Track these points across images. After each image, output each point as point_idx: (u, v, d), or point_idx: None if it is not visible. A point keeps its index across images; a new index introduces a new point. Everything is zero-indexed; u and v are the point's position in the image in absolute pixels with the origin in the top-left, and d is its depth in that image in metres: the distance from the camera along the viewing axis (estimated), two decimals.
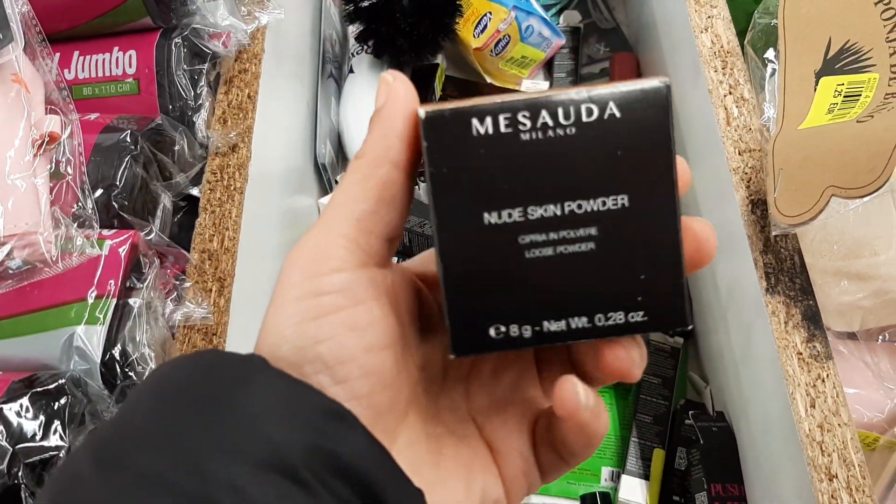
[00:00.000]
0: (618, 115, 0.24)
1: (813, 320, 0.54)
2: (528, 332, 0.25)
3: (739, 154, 0.61)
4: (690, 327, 0.53)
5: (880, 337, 0.65)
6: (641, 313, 0.25)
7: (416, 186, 0.89)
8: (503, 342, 0.26)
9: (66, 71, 0.69)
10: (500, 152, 0.24)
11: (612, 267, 0.25)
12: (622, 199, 0.25)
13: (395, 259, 0.36)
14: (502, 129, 0.24)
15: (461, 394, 0.30)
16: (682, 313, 0.25)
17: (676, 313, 0.25)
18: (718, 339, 0.69)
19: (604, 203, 0.25)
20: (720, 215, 0.65)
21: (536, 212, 0.25)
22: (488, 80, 0.98)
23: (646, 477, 0.70)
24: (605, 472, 0.74)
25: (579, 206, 0.25)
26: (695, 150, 0.73)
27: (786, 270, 0.56)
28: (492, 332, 0.26)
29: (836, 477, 0.48)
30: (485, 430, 0.29)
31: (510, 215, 0.25)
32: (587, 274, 0.25)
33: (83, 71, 0.69)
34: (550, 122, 0.24)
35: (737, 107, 0.64)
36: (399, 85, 0.26)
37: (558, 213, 0.25)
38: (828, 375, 0.51)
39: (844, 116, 0.56)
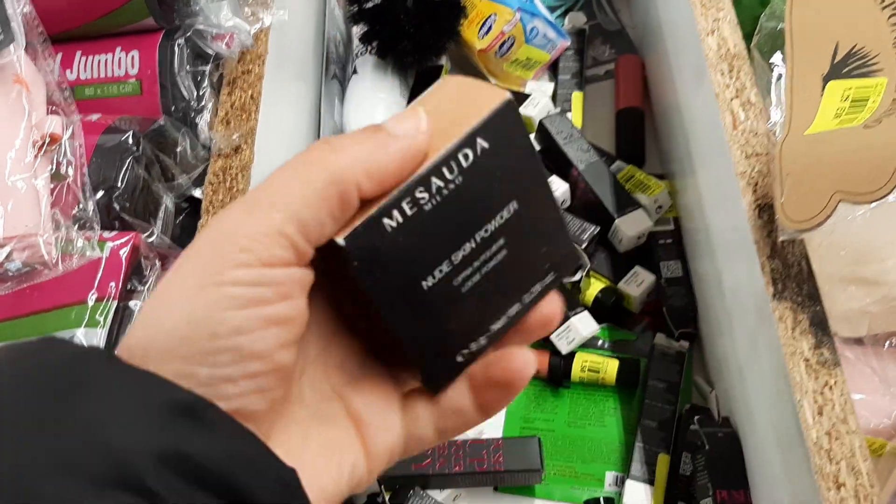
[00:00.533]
0: (487, 145, 0.27)
1: (820, 326, 0.53)
2: (483, 340, 0.29)
3: (746, 158, 0.61)
4: (587, 264, 0.64)
5: (887, 343, 0.64)
6: (552, 274, 0.30)
7: None
8: (468, 359, 0.29)
9: (67, 71, 0.68)
10: (415, 229, 0.26)
11: (523, 258, 0.29)
12: (513, 206, 0.28)
13: None
14: (408, 212, 0.26)
15: (321, 372, 0.29)
16: (576, 254, 0.31)
17: (572, 258, 0.31)
18: (723, 344, 0.68)
19: (501, 217, 0.28)
20: (726, 219, 0.65)
21: (458, 255, 0.28)
22: (493, 81, 0.97)
23: (650, 482, 0.70)
24: (609, 476, 0.74)
25: (486, 231, 0.28)
26: (700, 153, 0.72)
27: (793, 276, 0.55)
28: (459, 358, 0.29)
29: (844, 485, 0.47)
30: (351, 406, 0.28)
31: (441, 271, 0.27)
32: (509, 274, 0.29)
33: (85, 71, 0.68)
34: (442, 184, 0.26)
35: (743, 111, 0.63)
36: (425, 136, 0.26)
37: (474, 245, 0.28)
38: (835, 382, 0.51)
39: (852, 121, 0.55)
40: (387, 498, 0.68)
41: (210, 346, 0.23)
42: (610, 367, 0.76)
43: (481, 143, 0.27)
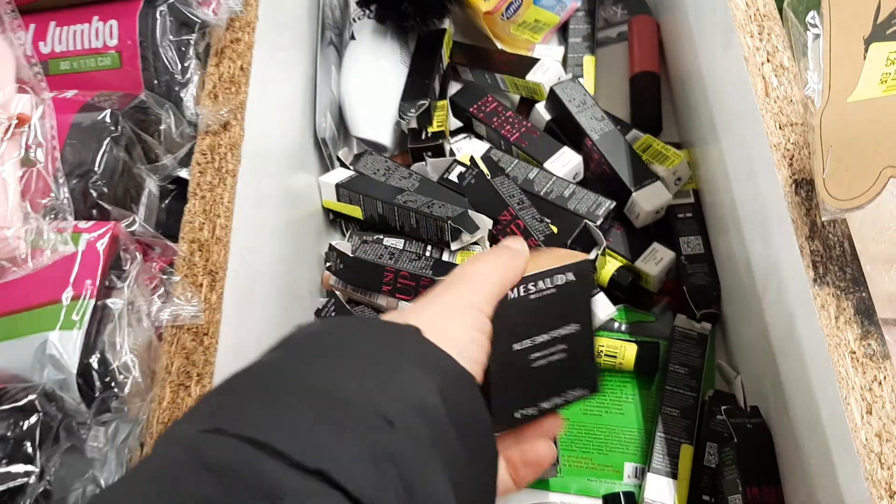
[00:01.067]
0: (573, 279, 0.42)
1: (867, 315, 0.48)
2: (534, 410, 0.41)
3: (780, 128, 0.56)
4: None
5: None
6: (580, 389, 0.43)
7: (424, 162, 0.81)
8: (522, 419, 0.41)
9: (41, 44, 0.63)
10: (520, 306, 0.41)
11: (571, 366, 0.42)
12: (575, 326, 0.42)
13: (401, 240, 0.77)
14: (521, 294, 0.41)
15: None
16: (595, 383, 0.43)
17: (593, 384, 0.43)
18: (752, 329, 0.64)
19: (567, 329, 0.42)
20: (756, 194, 0.60)
21: (537, 339, 0.41)
22: (499, 45, 0.92)
23: (673, 475, 0.66)
24: (629, 468, 0.70)
25: (557, 333, 0.42)
26: (725, 122, 0.67)
27: (835, 259, 0.50)
28: (517, 415, 0.41)
29: None
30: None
31: (524, 343, 0.41)
32: (560, 372, 0.42)
33: (60, 44, 0.63)
34: (543, 287, 0.42)
35: (776, 76, 0.58)
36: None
37: (547, 338, 0.42)
38: (885, 377, 0.46)
39: None
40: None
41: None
42: (628, 353, 0.72)
43: (570, 276, 0.42)
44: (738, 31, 0.61)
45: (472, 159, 0.78)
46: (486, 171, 0.76)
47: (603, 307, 0.72)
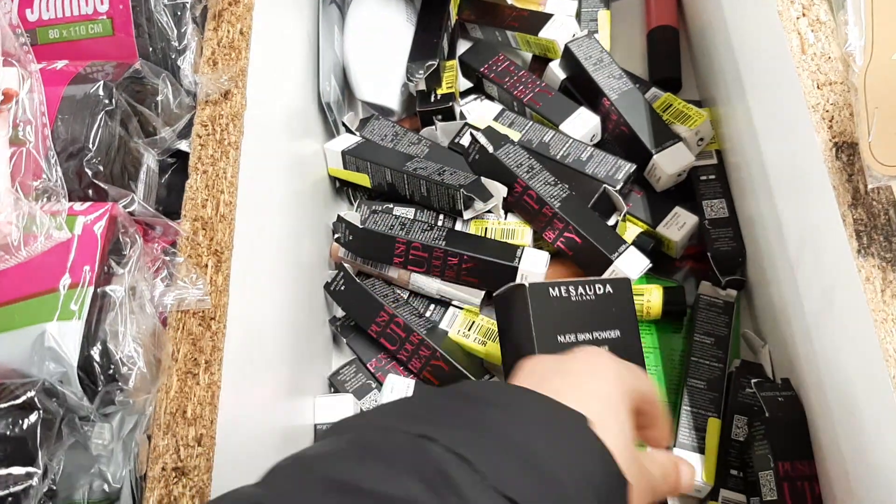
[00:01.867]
0: (611, 290, 0.55)
1: None
2: None
3: (818, 88, 0.52)
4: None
5: None
6: None
7: (433, 126, 0.78)
8: None
9: (28, 11, 0.59)
10: (563, 306, 0.52)
11: None
12: (615, 332, 0.53)
13: (411, 209, 0.74)
14: (563, 294, 0.52)
15: None
16: None
17: None
18: (782, 297, 0.61)
19: (609, 333, 0.53)
20: (790, 157, 0.57)
21: (580, 336, 0.52)
22: (510, 1, 0.87)
23: (700, 450, 0.63)
24: None
25: (599, 335, 0.53)
26: (755, 80, 0.63)
27: (880, 228, 0.47)
28: None
29: None
30: None
31: (568, 338, 0.51)
32: None
33: (48, 11, 0.59)
34: (584, 292, 0.53)
35: (812, 31, 0.54)
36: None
37: (590, 338, 0.53)
38: None
39: None
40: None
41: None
42: (654, 295, 0.69)
43: (609, 287, 0.55)
44: None
45: (472, 135, 0.74)
46: (487, 145, 0.72)
47: (635, 263, 0.68)
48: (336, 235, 0.75)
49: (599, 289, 0.52)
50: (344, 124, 0.82)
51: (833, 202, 0.49)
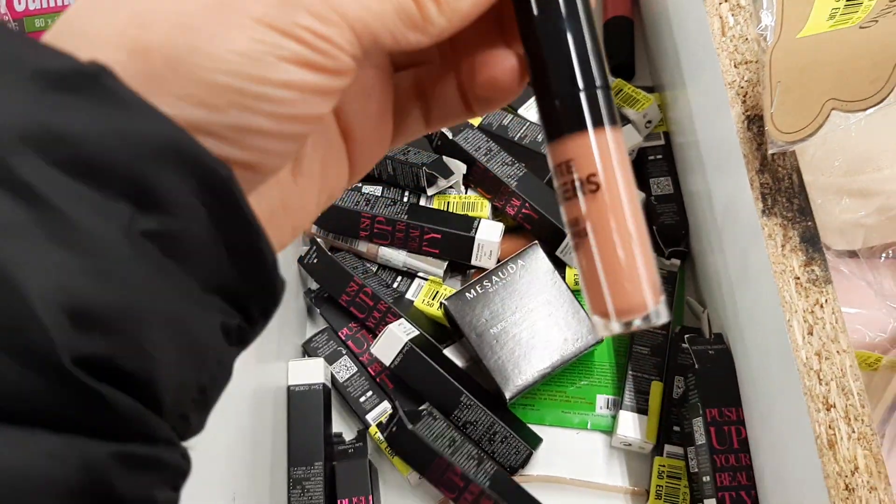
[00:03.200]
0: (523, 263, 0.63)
1: (811, 242, 0.51)
2: None
3: (735, 67, 0.58)
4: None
5: (883, 255, 0.62)
6: None
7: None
8: None
9: (16, 2, 0.64)
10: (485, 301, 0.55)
11: None
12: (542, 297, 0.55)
13: (379, 187, 0.68)
14: (479, 291, 0.59)
15: None
16: None
17: None
18: (714, 262, 0.66)
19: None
20: (715, 133, 0.62)
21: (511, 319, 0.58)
22: None
23: (644, 412, 0.69)
24: (601, 399, 0.73)
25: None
26: (689, 63, 0.69)
27: (783, 190, 0.53)
28: None
29: (834, 406, 0.46)
30: (343, 117, 0.25)
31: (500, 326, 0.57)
32: None
33: (34, 1, 0.64)
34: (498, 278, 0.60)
35: (732, 15, 0.60)
36: None
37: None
38: (826, 301, 0.49)
39: (846, 22, 0.52)
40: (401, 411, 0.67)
41: (255, 90, 0.19)
42: None
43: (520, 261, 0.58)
44: None
45: None
46: (447, 132, 0.78)
47: None
48: None
49: (512, 268, 0.49)
50: None
51: (744, 169, 0.54)
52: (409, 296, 0.77)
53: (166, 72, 0.18)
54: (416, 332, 0.71)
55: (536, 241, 0.72)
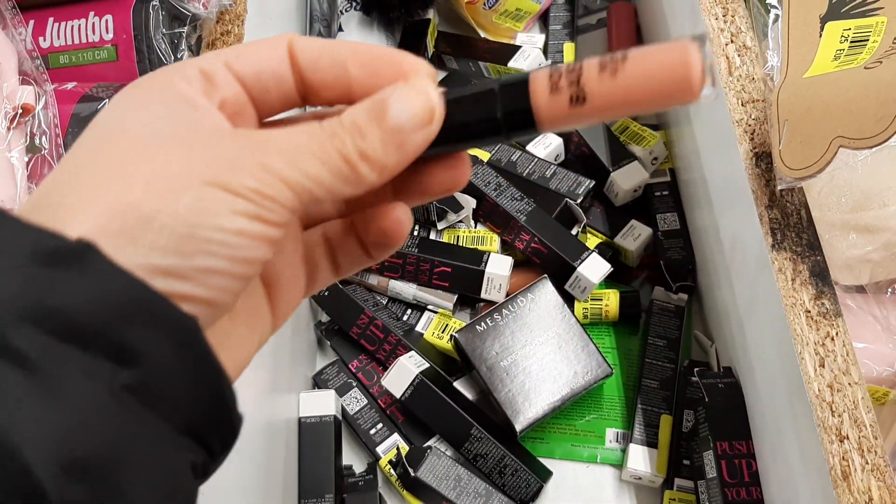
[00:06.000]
0: (532, 297, 0.60)
1: (821, 276, 0.52)
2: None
3: (742, 105, 0.59)
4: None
5: (889, 290, 0.63)
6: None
7: None
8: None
9: (41, 39, 0.66)
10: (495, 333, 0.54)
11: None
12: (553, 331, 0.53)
13: None
14: (489, 325, 0.55)
15: None
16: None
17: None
18: (723, 296, 0.67)
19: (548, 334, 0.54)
20: (723, 169, 0.63)
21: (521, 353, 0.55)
22: (482, 34, 0.95)
23: (654, 445, 0.69)
24: (610, 433, 0.73)
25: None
26: (698, 105, 0.70)
27: (792, 225, 0.54)
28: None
29: (848, 438, 0.47)
30: (263, 269, 0.28)
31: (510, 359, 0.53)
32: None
33: (59, 38, 0.66)
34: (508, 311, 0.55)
35: (739, 56, 0.61)
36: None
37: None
38: (837, 333, 0.50)
39: (851, 63, 0.54)
40: (403, 455, 0.68)
41: (216, 237, 0.22)
42: (612, 300, 0.76)
43: (530, 294, 0.57)
44: (704, 14, 0.64)
45: None
46: None
47: (596, 269, 0.74)
48: None
49: (522, 301, 0.50)
50: None
51: (752, 204, 0.55)
52: (418, 328, 0.78)
53: (141, 228, 0.22)
54: (427, 365, 0.71)
55: (545, 275, 0.73)
